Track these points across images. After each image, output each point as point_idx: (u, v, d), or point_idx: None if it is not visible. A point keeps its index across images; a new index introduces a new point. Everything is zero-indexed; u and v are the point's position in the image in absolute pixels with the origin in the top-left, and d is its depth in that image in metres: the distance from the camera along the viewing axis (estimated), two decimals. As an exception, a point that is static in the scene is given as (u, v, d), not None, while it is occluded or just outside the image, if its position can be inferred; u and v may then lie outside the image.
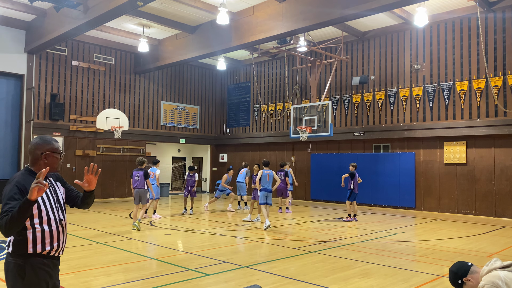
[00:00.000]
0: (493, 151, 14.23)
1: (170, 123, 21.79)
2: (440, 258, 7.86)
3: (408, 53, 16.37)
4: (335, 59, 17.23)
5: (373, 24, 16.48)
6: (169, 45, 18.35)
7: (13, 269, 2.80)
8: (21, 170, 2.90)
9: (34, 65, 17.25)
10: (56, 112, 17.43)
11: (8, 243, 2.84)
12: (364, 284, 6.01)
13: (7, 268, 2.84)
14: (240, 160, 22.37)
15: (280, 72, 20.96)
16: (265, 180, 11.08)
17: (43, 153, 2.90)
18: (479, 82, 14.53)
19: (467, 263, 3.15)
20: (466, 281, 3.09)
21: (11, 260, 2.82)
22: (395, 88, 16.68)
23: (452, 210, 14.99)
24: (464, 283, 3.10)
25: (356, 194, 13.11)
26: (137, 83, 20.57)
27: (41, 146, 2.91)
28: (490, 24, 14.29)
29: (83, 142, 18.48)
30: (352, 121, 17.99)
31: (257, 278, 6.30)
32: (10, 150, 17.06)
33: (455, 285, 3.19)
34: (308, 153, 19.45)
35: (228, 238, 9.81)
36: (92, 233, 10.11)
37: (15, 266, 2.80)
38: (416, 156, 15.98)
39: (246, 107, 22.65)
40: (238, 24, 15.07)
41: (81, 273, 6.49)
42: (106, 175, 19.01)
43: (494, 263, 2.98)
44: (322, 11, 12.42)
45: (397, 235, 10.44)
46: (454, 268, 3.17)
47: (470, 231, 11.12)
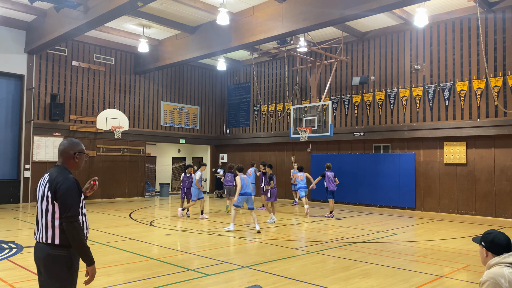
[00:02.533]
0: (493, 152, 14.23)
1: (170, 124, 21.79)
2: (440, 258, 7.86)
3: (408, 54, 16.38)
4: (335, 60, 17.24)
5: (373, 24, 16.48)
6: (169, 46, 18.36)
7: (60, 260, 3.04)
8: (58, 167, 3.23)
9: (34, 66, 17.26)
10: (56, 112, 17.44)
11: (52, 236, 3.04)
12: (364, 285, 6.01)
13: (51, 259, 3.04)
14: (240, 160, 22.37)
15: (280, 72, 20.97)
16: (245, 184, 10.87)
17: (76, 153, 3.30)
18: (479, 82, 14.54)
19: (505, 244, 3.01)
20: (483, 249, 3.07)
21: (56, 252, 3.04)
22: (395, 89, 16.69)
23: (452, 211, 14.99)
24: (483, 247, 3.08)
25: (330, 191, 13.71)
26: (137, 83, 20.57)
27: (73, 147, 3.31)
28: (490, 25, 14.29)
29: (83, 143, 18.07)
30: (352, 121, 17.99)
31: (258, 278, 6.30)
32: (10, 150, 17.06)
33: (476, 241, 3.19)
34: (308, 154, 19.45)
35: (228, 238, 9.81)
36: (92, 234, 10.11)
37: (62, 257, 3.05)
38: (416, 156, 15.98)
39: (246, 108, 22.65)
40: (238, 25, 15.07)
41: (81, 273, 6.47)
42: (106, 175, 19.01)
43: (506, 257, 2.92)
44: (322, 12, 12.43)
45: (397, 235, 10.44)
46: (494, 236, 3.06)
47: (470, 232, 11.12)
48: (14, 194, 16.68)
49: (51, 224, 3.06)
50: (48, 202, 3.07)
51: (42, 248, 3.08)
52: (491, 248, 3.02)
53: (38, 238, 3.16)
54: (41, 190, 3.16)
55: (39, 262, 3.14)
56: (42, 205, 3.11)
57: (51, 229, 3.05)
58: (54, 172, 3.18)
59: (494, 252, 3.00)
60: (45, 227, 3.07)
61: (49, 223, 3.06)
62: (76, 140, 3.41)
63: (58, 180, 3.08)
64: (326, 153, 18.74)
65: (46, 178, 3.18)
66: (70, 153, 3.28)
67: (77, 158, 3.32)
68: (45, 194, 3.09)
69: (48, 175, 3.19)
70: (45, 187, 3.11)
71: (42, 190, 3.14)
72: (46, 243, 3.06)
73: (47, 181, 3.13)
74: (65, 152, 3.28)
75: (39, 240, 3.13)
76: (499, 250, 2.99)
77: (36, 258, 3.18)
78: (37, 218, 3.21)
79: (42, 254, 3.07)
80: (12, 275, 6.33)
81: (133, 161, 20.06)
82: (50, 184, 3.09)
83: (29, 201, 16.90)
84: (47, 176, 3.20)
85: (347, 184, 17.62)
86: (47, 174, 3.22)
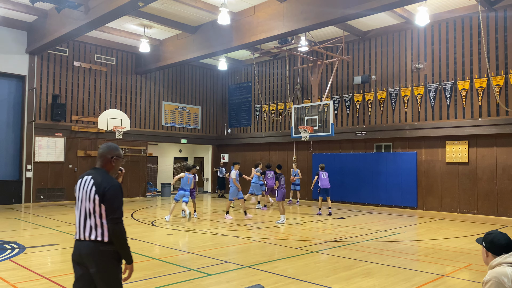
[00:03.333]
0: (495, 150, 14.20)
1: (171, 123, 21.80)
2: (442, 257, 7.85)
3: (410, 53, 16.35)
4: (336, 59, 17.22)
5: (374, 23, 16.46)
6: (170, 46, 18.37)
7: (110, 255, 3.30)
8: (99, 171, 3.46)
9: (35, 66, 17.29)
10: (57, 112, 17.46)
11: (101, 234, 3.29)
12: (366, 284, 6.01)
13: (102, 254, 3.28)
14: (242, 160, 22.37)
15: (281, 72, 20.96)
16: (185, 183, 12.56)
17: (113, 157, 3.53)
18: (481, 81, 14.51)
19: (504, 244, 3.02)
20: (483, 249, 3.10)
21: (106, 248, 3.29)
22: (397, 88, 16.67)
23: (454, 210, 14.97)
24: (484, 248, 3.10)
25: (322, 190, 14.37)
26: (138, 83, 20.59)
27: (111, 152, 3.54)
28: (492, 23, 14.26)
29: (84, 143, 18.50)
30: (353, 120, 17.97)
31: (259, 278, 6.30)
32: (12, 151, 17.09)
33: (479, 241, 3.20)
34: (310, 153, 19.44)
35: (230, 238, 9.81)
36: (94, 234, 10.11)
37: (111, 252, 3.31)
38: (417, 155, 15.96)
39: (247, 107, 22.65)
40: (239, 24, 15.07)
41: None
42: (108, 175, 19.01)
43: (507, 257, 2.94)
44: (323, 11, 12.41)
45: (399, 234, 10.43)
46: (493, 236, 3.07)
47: (472, 231, 11.11)
48: (16, 194, 16.71)
49: (100, 224, 3.31)
50: (95, 204, 3.31)
51: (90, 245, 3.29)
52: (491, 248, 3.04)
53: (83, 236, 3.33)
54: (85, 191, 3.36)
55: (86, 258, 3.31)
56: (88, 206, 3.33)
57: (100, 228, 3.30)
58: (98, 176, 3.39)
59: (494, 252, 3.02)
60: (94, 226, 3.31)
61: (98, 222, 3.31)
62: (115, 144, 3.63)
63: (105, 184, 3.32)
64: (327, 153, 18.73)
65: (90, 181, 3.37)
66: (107, 157, 3.52)
67: (114, 162, 3.54)
68: (92, 197, 3.31)
69: (91, 178, 3.38)
70: (91, 190, 3.32)
71: (88, 192, 3.34)
72: (95, 240, 3.29)
73: (92, 184, 3.34)
74: (103, 156, 3.52)
75: (85, 238, 3.32)
76: (498, 250, 3.01)
77: (79, 255, 3.35)
78: (79, 218, 3.38)
79: (92, 250, 3.28)
80: (14, 275, 6.34)
81: (135, 161, 20.07)
82: (97, 188, 3.31)
83: (31, 202, 16.93)
84: (90, 179, 3.39)
85: (349, 184, 17.61)
86: (89, 177, 3.41)
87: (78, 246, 3.38)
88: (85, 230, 3.33)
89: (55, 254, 8.11)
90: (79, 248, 3.36)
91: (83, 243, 3.34)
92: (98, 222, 3.31)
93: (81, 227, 3.35)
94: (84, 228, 3.33)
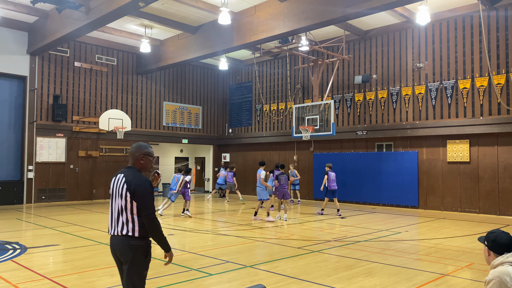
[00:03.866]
0: (496, 149, 14.18)
1: (172, 124, 21.81)
2: (443, 256, 7.84)
3: (411, 52, 16.33)
4: (337, 58, 17.20)
5: (375, 22, 16.45)
6: (171, 46, 18.37)
7: (139, 249, 3.48)
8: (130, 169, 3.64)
9: (36, 67, 17.31)
10: (58, 113, 17.48)
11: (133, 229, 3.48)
12: (368, 283, 6.00)
13: (132, 249, 3.47)
14: (243, 160, 22.40)
15: (282, 71, 20.95)
16: (174, 182, 13.74)
17: (140, 155, 3.69)
18: (482, 80, 14.49)
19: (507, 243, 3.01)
20: (485, 248, 3.09)
21: (136, 242, 3.48)
22: (398, 87, 16.65)
23: (455, 209, 14.95)
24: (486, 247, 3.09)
25: (330, 191, 13.97)
26: (139, 83, 20.60)
27: (139, 150, 3.70)
28: (493, 22, 14.24)
29: (86, 143, 18.52)
30: (354, 120, 17.96)
31: (261, 277, 6.30)
32: (13, 151, 17.12)
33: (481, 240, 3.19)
34: (311, 153, 19.43)
35: (231, 238, 9.81)
36: (95, 234, 10.14)
37: (141, 247, 3.50)
38: (419, 154, 15.95)
39: (248, 107, 22.65)
40: (239, 24, 15.07)
41: (85, 273, 6.51)
42: (109, 175, 19.02)
43: (509, 256, 2.93)
44: (323, 10, 12.41)
45: (400, 234, 10.42)
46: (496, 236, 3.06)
47: (474, 230, 11.09)
48: (17, 195, 16.73)
49: (131, 219, 3.49)
50: (126, 201, 3.49)
51: (123, 240, 3.49)
52: (493, 248, 3.04)
53: (115, 232, 3.54)
54: (117, 189, 3.57)
55: (119, 252, 3.54)
56: (120, 203, 3.53)
57: (131, 223, 3.49)
58: (129, 174, 3.58)
59: (496, 252, 3.01)
60: (126, 222, 3.50)
61: (129, 218, 3.49)
62: (144, 143, 3.78)
63: (136, 182, 3.49)
64: (328, 152, 18.72)
65: (122, 179, 3.56)
66: (136, 155, 3.69)
67: (143, 160, 3.70)
68: (124, 194, 3.51)
69: (123, 176, 3.58)
70: (123, 188, 3.52)
71: (120, 189, 3.54)
72: (126, 235, 3.48)
73: (124, 182, 3.53)
74: (132, 154, 3.72)
75: (118, 233, 3.52)
76: (500, 249, 3.00)
77: (114, 250, 3.59)
78: (112, 214, 3.60)
79: (123, 244, 3.49)
80: (16, 275, 6.35)
81: (136, 161, 20.07)
82: (128, 186, 3.50)
83: (32, 202, 16.95)
84: (122, 177, 3.59)
85: (350, 183, 17.60)
86: (121, 175, 3.61)
87: (112, 241, 3.60)
88: (118, 225, 3.53)
89: (56, 254, 8.12)
90: (113, 243, 3.58)
91: (116, 238, 3.55)
92: (130, 218, 3.49)
93: (114, 222, 3.56)
94: (117, 224, 3.54)
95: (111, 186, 3.66)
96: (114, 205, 3.59)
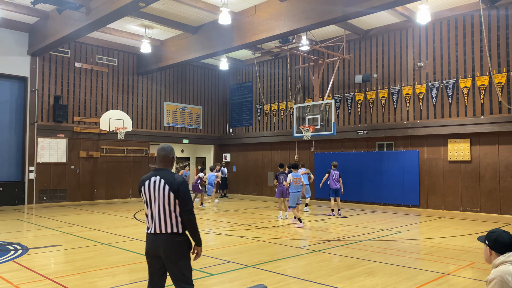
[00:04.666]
0: (497, 148, 14.17)
1: (173, 124, 21.82)
2: (445, 256, 7.84)
3: (411, 51, 16.32)
4: (337, 58, 17.20)
5: (375, 22, 16.44)
6: (171, 46, 18.38)
7: (184, 244, 3.82)
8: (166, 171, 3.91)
9: (37, 67, 17.33)
10: (59, 113, 17.49)
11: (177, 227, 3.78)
12: (369, 283, 6.00)
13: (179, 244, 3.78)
14: (244, 160, 22.41)
15: (282, 71, 20.95)
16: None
17: (173, 157, 4.03)
18: (483, 79, 14.47)
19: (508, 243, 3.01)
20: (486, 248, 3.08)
21: (181, 238, 3.80)
22: (398, 86, 16.64)
23: (456, 208, 14.94)
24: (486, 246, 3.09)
25: (332, 190, 13.74)
26: (140, 84, 20.61)
27: (171, 152, 4.02)
28: (493, 21, 14.22)
29: (86, 144, 18.54)
30: (355, 119, 17.96)
31: (262, 277, 6.30)
32: (14, 152, 17.14)
33: (481, 240, 3.19)
34: (312, 152, 19.43)
35: (232, 237, 9.82)
36: (96, 234, 10.15)
37: (185, 242, 3.84)
38: (420, 154, 15.94)
39: (249, 107, 22.65)
40: (240, 24, 15.07)
41: (86, 274, 6.52)
42: (110, 176, 19.08)
43: (510, 256, 2.94)
44: (324, 10, 12.40)
45: (401, 233, 10.42)
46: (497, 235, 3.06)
47: (475, 229, 11.09)
48: (19, 195, 16.75)
49: (175, 217, 3.79)
50: (170, 201, 3.77)
51: (168, 237, 3.76)
52: (494, 247, 3.03)
53: (159, 230, 3.78)
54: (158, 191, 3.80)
55: (163, 249, 3.76)
56: (163, 203, 3.77)
57: (176, 221, 3.79)
58: (168, 176, 3.83)
59: (497, 251, 3.01)
60: (171, 221, 3.78)
61: (173, 217, 3.78)
62: (170, 146, 4.09)
63: (177, 181, 3.79)
64: (329, 152, 18.72)
65: (161, 181, 3.80)
66: (169, 157, 4.00)
67: (173, 161, 4.06)
68: (167, 194, 3.77)
69: (161, 178, 3.82)
70: (165, 188, 3.77)
71: (162, 191, 3.78)
72: (172, 233, 3.76)
73: (165, 183, 3.78)
74: (165, 157, 3.98)
75: (161, 231, 3.77)
76: (502, 249, 3.00)
77: (156, 248, 3.80)
78: (153, 214, 3.82)
79: (170, 242, 3.76)
80: (18, 276, 6.36)
81: (137, 161, 20.11)
82: (170, 186, 3.77)
83: (33, 203, 16.97)
84: (160, 179, 3.81)
85: (351, 183, 17.57)
86: (158, 177, 3.83)
87: (154, 240, 3.81)
88: (161, 224, 3.78)
89: (58, 255, 8.13)
90: (155, 241, 3.80)
91: (160, 236, 3.78)
92: (173, 216, 3.78)
93: (157, 222, 3.79)
94: (160, 223, 3.78)
95: (146, 189, 3.85)
96: (154, 205, 3.81)
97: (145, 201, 3.89)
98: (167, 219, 3.77)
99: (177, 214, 3.79)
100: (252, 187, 22.07)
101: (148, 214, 3.87)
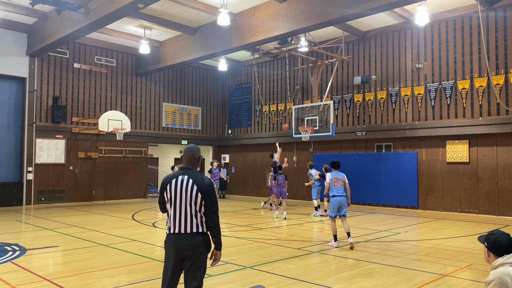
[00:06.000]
0: (495, 150, 14.19)
1: (172, 125, 21.81)
2: (443, 257, 7.84)
3: (410, 52, 16.35)
4: (336, 59, 17.22)
5: (374, 23, 16.47)
6: (170, 47, 18.38)
7: (208, 243, 3.87)
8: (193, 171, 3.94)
9: (36, 68, 17.31)
10: (58, 114, 17.47)
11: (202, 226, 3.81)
12: (368, 284, 6.01)
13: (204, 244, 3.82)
14: (243, 161, 22.41)
15: (281, 72, 20.97)
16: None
17: (199, 157, 4.05)
18: (481, 80, 14.51)
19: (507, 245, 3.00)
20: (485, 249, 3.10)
21: (206, 237, 3.85)
22: (397, 88, 16.67)
23: (455, 209, 14.96)
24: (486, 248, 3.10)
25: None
26: (138, 85, 20.60)
27: (198, 152, 4.04)
28: (492, 23, 14.26)
29: (85, 144, 18.52)
30: (354, 120, 17.98)
31: (261, 278, 6.30)
32: (12, 153, 17.11)
33: (481, 240, 3.20)
34: (310, 153, 19.44)
35: (231, 238, 9.81)
36: (95, 235, 10.13)
37: (208, 241, 3.88)
38: (418, 155, 15.96)
39: (247, 108, 22.65)
40: (239, 25, 15.08)
41: (84, 275, 6.51)
42: (109, 177, 19.05)
43: (509, 258, 2.94)
44: (322, 11, 12.42)
45: (400, 234, 10.43)
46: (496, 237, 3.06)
47: (473, 230, 11.10)
48: (17, 196, 16.72)
49: (200, 217, 3.82)
50: (197, 201, 3.79)
51: (193, 237, 3.78)
52: (492, 249, 3.04)
53: (184, 229, 3.78)
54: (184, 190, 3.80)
55: (186, 248, 3.76)
56: (190, 202, 3.79)
57: (201, 220, 3.82)
58: (196, 176, 3.87)
59: (496, 253, 3.02)
60: (196, 220, 3.80)
61: (199, 216, 3.81)
62: (196, 145, 4.09)
63: (205, 182, 3.85)
64: (328, 153, 18.73)
65: (189, 181, 3.82)
66: (196, 157, 4.02)
67: (199, 160, 4.08)
68: (194, 194, 3.79)
69: (190, 178, 3.84)
70: (193, 188, 3.80)
71: (190, 190, 3.80)
72: (197, 232, 3.79)
73: (193, 183, 3.81)
74: (193, 157, 4.00)
75: (187, 231, 3.78)
76: (500, 251, 3.01)
77: (179, 247, 3.78)
78: (180, 213, 3.81)
79: (194, 241, 3.77)
80: (16, 277, 6.35)
81: (136, 162, 20.09)
82: (198, 186, 3.80)
83: (32, 204, 16.94)
84: (187, 179, 3.83)
85: (349, 184, 17.52)
86: (185, 177, 3.85)
87: (177, 239, 3.80)
88: (186, 224, 3.79)
89: (56, 256, 8.12)
90: (178, 240, 3.79)
91: (184, 235, 3.78)
92: (199, 216, 3.81)
93: (182, 221, 3.79)
94: (185, 222, 3.79)
95: (172, 187, 3.83)
96: (179, 204, 3.81)
97: (168, 199, 3.87)
98: (193, 218, 3.79)
99: (202, 214, 3.82)
100: (250, 188, 22.07)
101: (171, 214, 3.85)
